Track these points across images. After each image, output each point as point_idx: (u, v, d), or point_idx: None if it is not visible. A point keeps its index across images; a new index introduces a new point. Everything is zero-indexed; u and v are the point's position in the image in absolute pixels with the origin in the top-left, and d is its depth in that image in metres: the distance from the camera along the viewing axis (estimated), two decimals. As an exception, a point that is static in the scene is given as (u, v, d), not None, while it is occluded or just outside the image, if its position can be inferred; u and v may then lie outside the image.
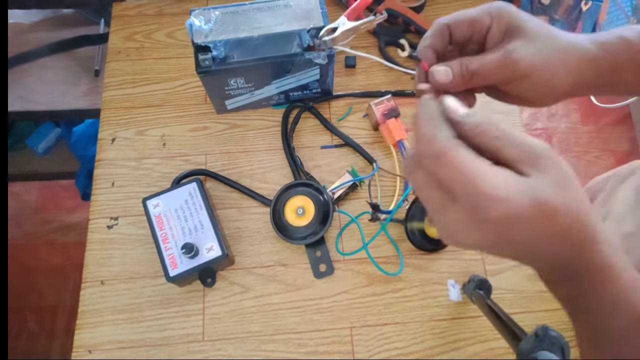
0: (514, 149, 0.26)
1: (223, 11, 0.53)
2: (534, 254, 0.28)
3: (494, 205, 0.25)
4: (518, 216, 0.25)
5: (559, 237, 0.27)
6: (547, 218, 0.26)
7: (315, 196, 0.54)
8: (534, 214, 0.25)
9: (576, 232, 0.27)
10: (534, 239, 0.27)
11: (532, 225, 0.26)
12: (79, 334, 0.52)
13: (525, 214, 0.25)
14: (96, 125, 0.65)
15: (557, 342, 0.34)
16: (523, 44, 0.32)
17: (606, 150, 1.47)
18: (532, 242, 0.27)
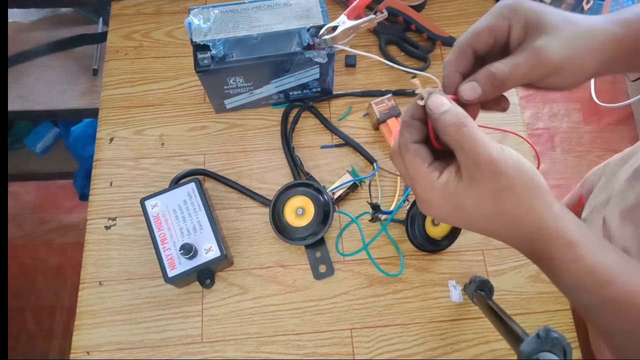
0: (465, 154, 0.31)
1: (222, 10, 0.52)
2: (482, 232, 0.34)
3: (425, 202, 0.33)
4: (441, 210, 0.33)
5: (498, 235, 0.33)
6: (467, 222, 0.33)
7: (315, 196, 0.54)
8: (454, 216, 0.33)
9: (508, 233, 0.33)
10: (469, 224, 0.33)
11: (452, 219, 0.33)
12: (77, 335, 0.51)
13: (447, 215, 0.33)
14: (94, 125, 0.64)
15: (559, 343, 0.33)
16: (547, 40, 0.32)
17: (608, 149, 1.47)
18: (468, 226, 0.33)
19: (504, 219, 0.32)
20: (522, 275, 0.55)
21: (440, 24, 0.67)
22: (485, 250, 0.56)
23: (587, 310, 0.33)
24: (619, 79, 1.58)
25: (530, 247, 0.33)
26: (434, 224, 0.54)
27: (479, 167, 0.30)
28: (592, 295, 0.32)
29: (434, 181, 0.32)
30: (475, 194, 0.31)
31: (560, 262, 0.32)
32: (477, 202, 0.31)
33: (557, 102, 1.55)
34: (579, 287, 0.32)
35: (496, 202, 0.31)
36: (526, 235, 0.32)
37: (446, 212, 0.33)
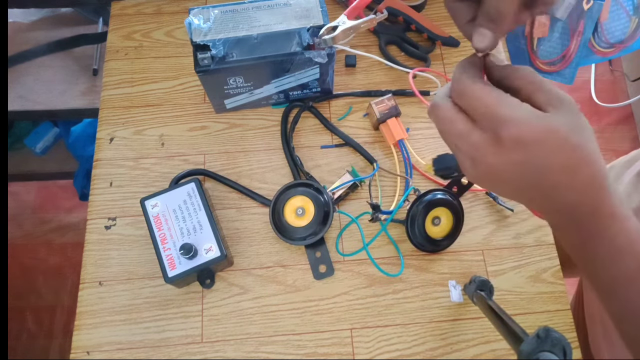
0: (543, 93, 0.29)
1: (222, 10, 0.52)
2: (543, 187, 0.30)
3: (509, 125, 0.28)
4: (533, 139, 0.28)
5: (568, 170, 0.29)
6: (557, 146, 0.28)
7: (315, 196, 0.54)
8: (546, 139, 0.28)
9: (585, 171, 0.29)
10: (544, 167, 0.29)
11: (543, 150, 0.28)
12: (77, 335, 0.51)
13: (539, 138, 0.28)
14: (94, 125, 0.64)
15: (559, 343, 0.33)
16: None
17: (608, 149, 1.47)
18: (541, 171, 0.29)
19: (589, 155, 0.29)
20: (522, 275, 0.55)
21: (440, 24, 0.67)
22: (485, 250, 0.56)
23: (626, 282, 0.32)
24: (619, 79, 1.58)
25: (581, 199, 0.30)
26: (433, 223, 0.54)
27: (562, 100, 0.29)
28: (638, 257, 0.31)
29: (515, 102, 0.29)
30: (570, 122, 0.29)
31: (612, 220, 0.30)
32: (570, 129, 0.29)
33: (557, 102, 1.55)
34: (628, 247, 0.31)
35: (582, 134, 0.29)
36: (601, 181, 0.30)
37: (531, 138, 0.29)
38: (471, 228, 0.57)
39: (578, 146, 0.29)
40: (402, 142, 0.58)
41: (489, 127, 0.29)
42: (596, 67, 1.51)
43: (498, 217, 0.57)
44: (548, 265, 0.55)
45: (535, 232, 0.57)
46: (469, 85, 0.30)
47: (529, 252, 0.56)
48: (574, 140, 0.29)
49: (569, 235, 0.33)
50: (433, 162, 0.49)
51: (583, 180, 0.29)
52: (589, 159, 0.29)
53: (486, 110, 0.29)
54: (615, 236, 0.31)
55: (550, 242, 0.56)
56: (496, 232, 0.57)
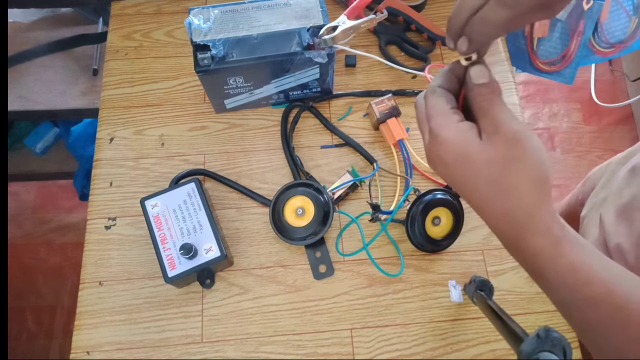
0: (486, 120, 0.32)
1: (222, 10, 0.52)
2: (471, 203, 0.34)
3: (437, 140, 0.32)
4: (450, 159, 0.32)
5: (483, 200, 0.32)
6: (472, 175, 0.32)
7: (315, 196, 0.54)
8: (461, 162, 0.32)
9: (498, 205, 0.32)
10: (464, 188, 0.33)
11: (459, 172, 0.32)
12: (77, 335, 0.51)
13: (455, 159, 0.32)
14: (94, 125, 0.64)
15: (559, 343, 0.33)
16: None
17: (608, 149, 1.47)
18: (462, 189, 0.33)
19: (502, 190, 0.31)
20: (522, 275, 0.55)
21: (440, 24, 0.67)
22: (485, 250, 0.56)
23: (568, 309, 0.34)
24: (619, 79, 1.58)
25: (516, 234, 0.32)
26: (433, 223, 0.54)
27: (498, 130, 0.31)
28: (573, 293, 0.32)
29: (452, 122, 0.32)
30: (488, 152, 0.31)
31: (544, 257, 0.31)
32: (486, 160, 0.31)
33: (557, 102, 1.55)
34: (560, 284, 0.32)
35: (504, 167, 0.31)
36: (517, 217, 0.31)
37: (451, 159, 0.32)
38: (471, 228, 0.57)
39: (493, 181, 0.31)
40: (402, 142, 0.58)
41: (432, 136, 0.33)
42: (596, 67, 1.51)
43: (498, 217, 0.57)
44: (548, 265, 0.55)
45: (535, 232, 0.57)
46: (427, 93, 0.34)
47: (529, 252, 0.56)
48: (489, 174, 0.31)
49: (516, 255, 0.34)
50: None
51: (497, 213, 0.32)
52: (505, 193, 0.31)
53: (422, 118, 0.34)
54: (542, 270, 0.32)
55: (550, 242, 0.56)
56: (496, 232, 0.57)
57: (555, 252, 0.31)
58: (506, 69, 0.65)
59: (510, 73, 0.65)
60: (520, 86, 1.57)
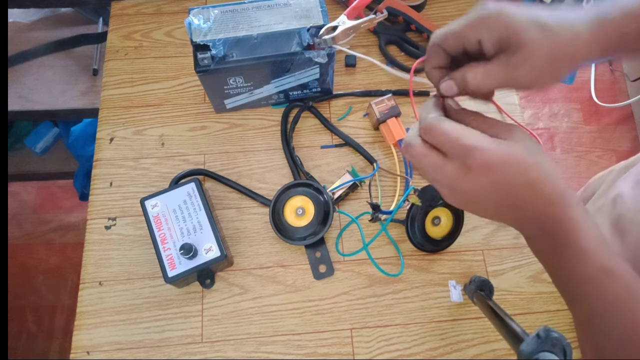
0: (495, 128, 0.34)
1: (222, 10, 0.52)
2: (512, 204, 0.34)
3: (477, 153, 0.32)
4: (496, 163, 0.32)
5: (529, 186, 0.33)
6: (518, 167, 0.33)
7: (315, 196, 0.54)
8: (508, 162, 0.32)
9: (544, 185, 0.33)
10: (510, 186, 0.33)
11: (507, 172, 0.33)
12: (77, 335, 0.51)
13: (502, 162, 0.32)
14: (94, 125, 0.64)
15: (559, 343, 0.33)
16: (520, 60, 0.33)
17: (608, 150, 1.47)
18: (508, 189, 0.33)
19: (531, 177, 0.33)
20: (522, 275, 0.55)
21: (441, 24, 0.67)
22: (485, 250, 0.56)
23: (590, 283, 0.34)
24: (619, 79, 1.58)
25: (545, 210, 0.34)
26: (433, 223, 0.54)
27: (512, 130, 0.34)
28: (600, 263, 0.33)
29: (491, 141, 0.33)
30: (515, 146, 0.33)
31: (576, 228, 0.33)
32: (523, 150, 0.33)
33: (557, 102, 1.55)
34: (591, 254, 0.33)
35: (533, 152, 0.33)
36: (543, 197, 0.33)
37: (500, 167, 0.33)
38: (471, 228, 0.57)
39: (535, 165, 0.33)
40: (402, 142, 0.58)
41: (458, 158, 0.33)
42: (596, 67, 1.51)
43: (498, 217, 0.57)
44: (548, 265, 0.55)
45: (535, 232, 0.57)
46: (435, 122, 0.34)
47: (529, 252, 0.56)
48: (530, 161, 0.33)
49: (540, 244, 0.36)
50: (418, 194, 0.51)
51: (544, 193, 0.33)
52: (546, 175, 0.33)
53: (453, 142, 0.33)
54: (577, 245, 0.33)
55: (550, 242, 0.56)
56: (496, 232, 0.57)
57: (589, 223, 0.34)
58: (506, 69, 0.65)
59: (510, 73, 0.65)
60: (520, 86, 1.57)
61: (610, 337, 0.34)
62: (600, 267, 0.33)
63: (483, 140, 0.33)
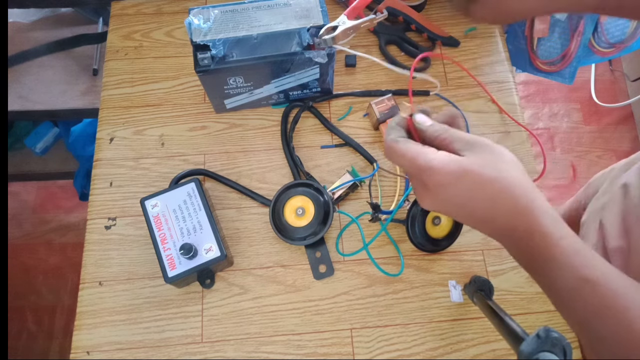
0: (456, 142, 0.35)
1: (222, 10, 0.52)
2: (479, 219, 0.35)
3: (429, 173, 0.34)
4: (449, 181, 0.34)
5: (489, 201, 0.34)
6: (474, 182, 0.33)
7: (315, 196, 0.54)
8: (461, 179, 0.33)
9: (506, 199, 0.33)
10: (468, 202, 0.34)
11: (461, 188, 0.34)
12: (77, 335, 0.51)
13: (455, 180, 0.33)
14: (94, 125, 0.64)
15: (559, 343, 0.33)
16: None
17: (608, 149, 1.47)
18: (467, 205, 0.34)
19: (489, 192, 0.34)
20: (522, 275, 0.55)
21: (440, 24, 0.68)
22: (485, 250, 0.56)
23: (571, 294, 0.34)
24: (619, 79, 1.58)
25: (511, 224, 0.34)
26: (433, 223, 0.54)
27: (473, 144, 0.35)
28: (576, 273, 0.33)
29: (433, 151, 0.35)
30: (477, 160, 0.34)
31: (551, 238, 0.33)
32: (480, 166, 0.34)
33: (557, 102, 1.55)
34: (566, 264, 0.33)
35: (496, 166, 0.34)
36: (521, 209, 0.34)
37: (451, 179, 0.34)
38: (471, 228, 0.57)
39: (493, 180, 0.33)
40: None
41: (416, 176, 0.36)
42: (596, 67, 1.51)
43: (498, 217, 0.57)
44: (548, 265, 0.55)
45: (535, 232, 0.57)
46: (392, 145, 0.36)
47: (529, 252, 0.56)
48: (488, 175, 0.33)
49: (515, 255, 0.36)
50: None
51: (507, 206, 0.33)
52: (508, 187, 0.33)
53: (409, 164, 0.35)
54: (552, 255, 0.33)
55: (550, 242, 0.56)
56: (496, 232, 0.57)
57: (561, 231, 0.33)
58: (506, 69, 0.65)
59: (510, 73, 0.65)
60: (520, 86, 1.57)
61: (602, 340, 0.34)
62: (578, 277, 0.33)
63: (436, 158, 0.34)
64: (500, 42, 0.67)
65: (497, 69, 0.65)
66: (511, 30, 0.67)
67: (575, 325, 0.36)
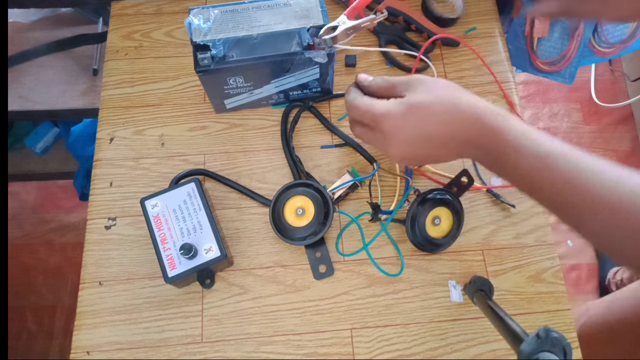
0: (395, 87, 0.42)
1: (222, 10, 0.52)
2: (440, 144, 0.40)
3: (384, 119, 0.40)
4: (401, 121, 0.39)
5: (442, 123, 0.39)
6: (420, 113, 0.39)
7: (315, 196, 0.54)
8: (408, 114, 0.39)
9: (457, 112, 0.38)
10: (423, 132, 0.39)
11: (412, 123, 0.39)
12: (77, 335, 0.51)
13: (403, 117, 0.39)
14: (94, 125, 0.64)
15: (559, 343, 0.33)
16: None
17: (608, 149, 1.47)
18: (426, 136, 0.39)
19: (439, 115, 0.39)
20: (522, 275, 0.55)
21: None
22: (485, 250, 0.56)
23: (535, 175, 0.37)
24: (619, 79, 1.58)
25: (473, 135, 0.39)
26: (433, 223, 0.54)
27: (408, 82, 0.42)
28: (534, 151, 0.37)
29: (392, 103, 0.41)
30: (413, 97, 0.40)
31: (502, 125, 0.38)
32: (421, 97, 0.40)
33: (557, 102, 1.55)
34: (526, 143, 0.37)
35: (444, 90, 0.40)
36: (462, 126, 0.39)
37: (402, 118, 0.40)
38: (471, 228, 0.57)
39: (434, 103, 0.38)
40: None
41: (375, 126, 0.41)
42: (596, 67, 1.51)
43: (498, 217, 0.57)
44: (548, 265, 0.55)
45: (535, 232, 0.57)
46: (351, 100, 0.44)
47: (529, 252, 0.56)
48: (429, 102, 0.39)
49: (484, 161, 0.40)
50: None
51: (458, 119, 0.38)
52: (452, 103, 0.39)
53: (366, 115, 0.42)
54: (507, 143, 0.37)
55: (550, 242, 0.56)
56: (496, 232, 0.57)
57: (508, 122, 0.38)
58: (506, 69, 0.65)
59: (510, 73, 0.65)
60: (520, 86, 1.57)
61: (573, 212, 0.36)
62: (537, 155, 0.36)
63: (384, 106, 0.40)
64: (500, 42, 0.67)
65: (497, 68, 0.65)
66: (511, 30, 0.67)
67: (547, 207, 0.39)
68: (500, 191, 0.58)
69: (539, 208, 0.58)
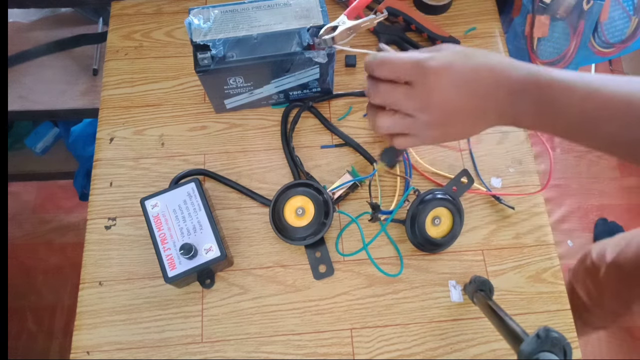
0: (424, 50, 0.40)
1: (222, 10, 0.52)
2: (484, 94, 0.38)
3: (430, 62, 0.38)
4: (446, 63, 0.38)
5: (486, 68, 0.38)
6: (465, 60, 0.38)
7: (315, 196, 0.54)
8: (454, 60, 0.38)
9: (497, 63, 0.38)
10: (470, 77, 0.38)
11: (460, 68, 0.38)
12: (77, 335, 0.51)
13: (450, 61, 0.38)
14: (94, 125, 0.64)
15: (559, 343, 0.33)
16: None
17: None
18: (471, 81, 0.38)
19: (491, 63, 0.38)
20: (522, 275, 0.55)
21: (441, 24, 0.68)
22: (485, 250, 0.56)
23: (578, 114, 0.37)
24: (619, 79, 1.58)
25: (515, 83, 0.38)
26: (433, 223, 0.54)
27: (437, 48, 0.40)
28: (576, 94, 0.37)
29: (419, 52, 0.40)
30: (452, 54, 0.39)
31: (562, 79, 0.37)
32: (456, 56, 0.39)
33: (557, 102, 1.55)
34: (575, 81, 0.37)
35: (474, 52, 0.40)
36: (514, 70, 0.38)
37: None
38: (471, 228, 0.57)
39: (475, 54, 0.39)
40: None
41: (417, 76, 0.38)
42: (596, 67, 1.51)
43: (498, 217, 0.57)
44: (548, 265, 0.55)
45: (535, 232, 0.57)
46: (387, 55, 0.40)
47: (529, 252, 0.56)
48: (469, 51, 0.39)
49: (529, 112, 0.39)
50: (381, 157, 0.49)
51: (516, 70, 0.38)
52: (488, 57, 0.39)
53: (408, 63, 0.38)
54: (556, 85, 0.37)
55: (550, 242, 0.56)
56: (496, 232, 0.57)
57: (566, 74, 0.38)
58: (506, 69, 0.65)
59: (510, 73, 0.65)
60: (520, 86, 1.57)
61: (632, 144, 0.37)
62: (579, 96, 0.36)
63: (427, 54, 0.39)
64: (500, 42, 0.67)
65: (497, 69, 0.65)
66: (511, 30, 0.67)
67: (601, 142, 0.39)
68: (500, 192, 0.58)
69: (539, 208, 0.58)
